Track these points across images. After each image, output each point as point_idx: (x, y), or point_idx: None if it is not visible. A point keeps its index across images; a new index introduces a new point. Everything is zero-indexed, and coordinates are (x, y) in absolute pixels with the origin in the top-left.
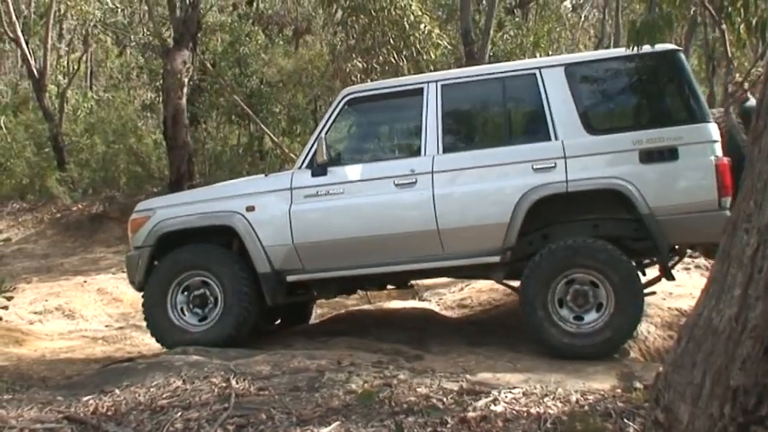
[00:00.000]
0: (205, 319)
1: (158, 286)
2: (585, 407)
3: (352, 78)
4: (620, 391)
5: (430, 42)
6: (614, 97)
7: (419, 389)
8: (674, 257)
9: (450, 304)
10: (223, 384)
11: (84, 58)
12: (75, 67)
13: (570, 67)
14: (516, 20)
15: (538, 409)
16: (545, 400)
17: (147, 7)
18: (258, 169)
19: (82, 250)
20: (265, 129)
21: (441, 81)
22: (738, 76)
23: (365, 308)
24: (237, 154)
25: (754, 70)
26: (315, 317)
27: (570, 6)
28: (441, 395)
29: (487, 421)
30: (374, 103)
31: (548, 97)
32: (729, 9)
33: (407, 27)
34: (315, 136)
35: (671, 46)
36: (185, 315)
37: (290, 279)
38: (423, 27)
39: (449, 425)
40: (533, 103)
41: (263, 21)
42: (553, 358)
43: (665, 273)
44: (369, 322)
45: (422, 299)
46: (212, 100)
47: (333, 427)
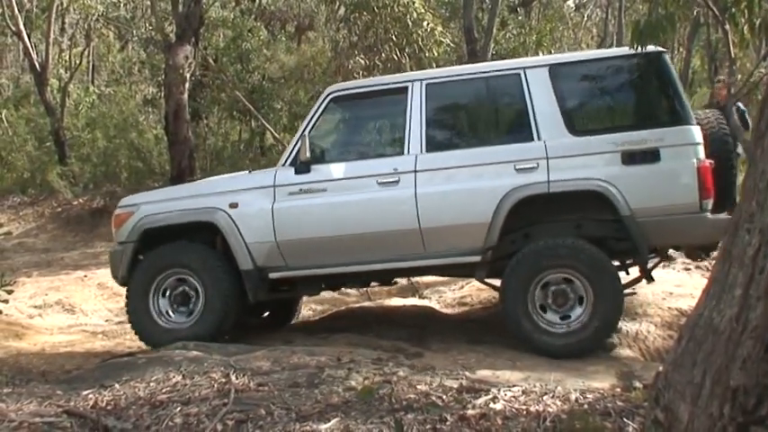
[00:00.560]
0: (188, 316)
1: (140, 284)
2: (585, 405)
3: (354, 75)
4: (619, 390)
5: (432, 40)
6: (598, 98)
7: (419, 386)
8: (655, 258)
9: (451, 302)
10: (223, 380)
11: (86, 52)
12: (77, 62)
13: (554, 68)
14: (519, 18)
15: (537, 408)
16: (544, 398)
17: (149, 2)
18: (260, 165)
19: (82, 245)
20: (267, 125)
21: (425, 80)
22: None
23: (365, 305)
24: (239, 150)
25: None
26: (315, 314)
27: (573, 5)
28: (440, 392)
29: (487, 419)
30: (358, 101)
31: (531, 97)
32: (733, 9)
33: (410, 24)
34: (299, 134)
35: (657, 48)
36: (167, 313)
37: (273, 276)
38: (425, 25)
39: (448, 422)
40: (517, 104)
41: (265, 16)
42: (552, 357)
43: (644, 274)
44: (369, 319)
45: (422, 296)
46: (214, 95)
47: (332, 423)
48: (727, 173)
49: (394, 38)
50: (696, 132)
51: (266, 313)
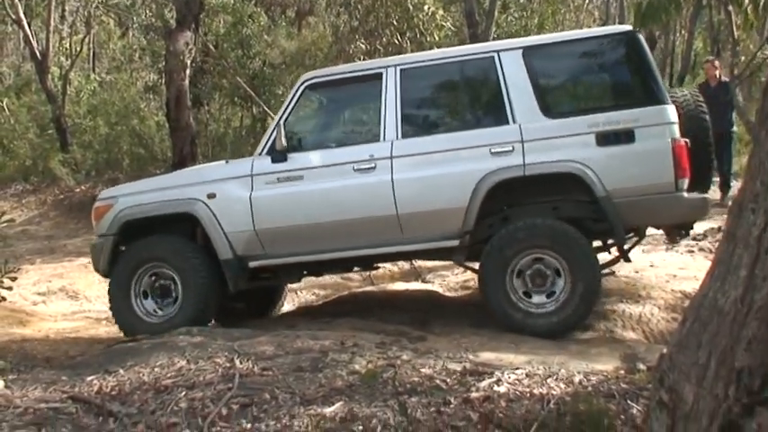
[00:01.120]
0: (169, 308)
1: (121, 278)
2: (589, 388)
3: (356, 60)
4: (623, 372)
5: (434, 24)
6: (572, 80)
7: (422, 369)
8: (632, 238)
9: (454, 286)
10: (227, 364)
11: (87, 39)
12: (78, 49)
13: (528, 50)
14: (521, 1)
15: (541, 390)
16: (548, 381)
17: None
18: None
19: (85, 231)
20: (268, 110)
21: (399, 65)
22: (744, 58)
23: (368, 289)
24: (240, 136)
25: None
26: (319, 298)
27: None
28: (444, 376)
29: (491, 401)
30: (334, 88)
31: (506, 81)
32: None
33: (411, 8)
34: (274, 122)
35: (628, 27)
36: (148, 306)
37: (253, 265)
38: (426, 8)
39: (452, 405)
40: (491, 87)
41: (265, 2)
42: (557, 342)
43: (622, 254)
44: (372, 304)
45: (425, 280)
46: (215, 81)
47: (336, 406)
48: (704, 151)
49: (395, 22)
50: (671, 111)
51: (248, 300)
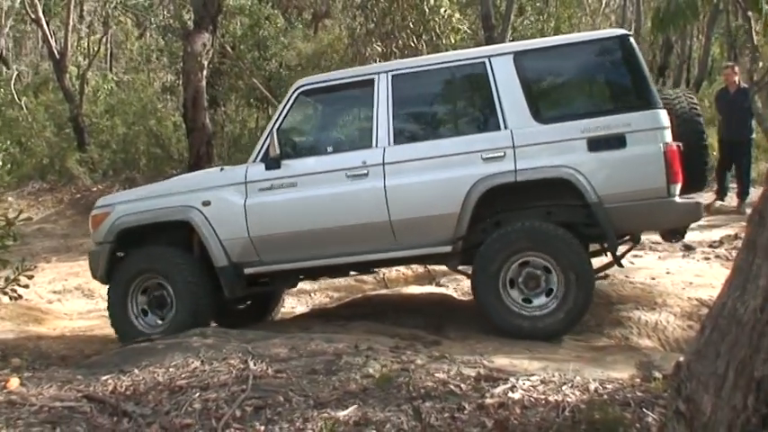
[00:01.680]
0: (164, 318)
1: (118, 288)
2: (604, 396)
3: (372, 62)
4: (638, 380)
5: (450, 27)
6: (564, 85)
7: (437, 374)
8: (625, 243)
9: (468, 290)
10: (241, 366)
11: (105, 39)
12: (96, 49)
13: (519, 55)
14: (537, 5)
15: (556, 397)
16: (563, 388)
17: None
18: None
19: None
20: None
21: (391, 71)
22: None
23: (382, 293)
24: (256, 137)
25: None
26: (332, 301)
27: None
28: (458, 381)
29: (505, 408)
30: (327, 94)
31: (497, 86)
32: None
33: (427, 11)
34: (267, 129)
35: (621, 31)
36: (145, 316)
37: (248, 271)
38: (442, 11)
39: (466, 411)
40: (483, 93)
41: (282, 4)
42: (570, 347)
43: (614, 259)
44: (386, 307)
45: (439, 284)
46: (232, 83)
47: (350, 410)
48: (699, 153)
49: (411, 25)
50: (662, 116)
51: (247, 304)
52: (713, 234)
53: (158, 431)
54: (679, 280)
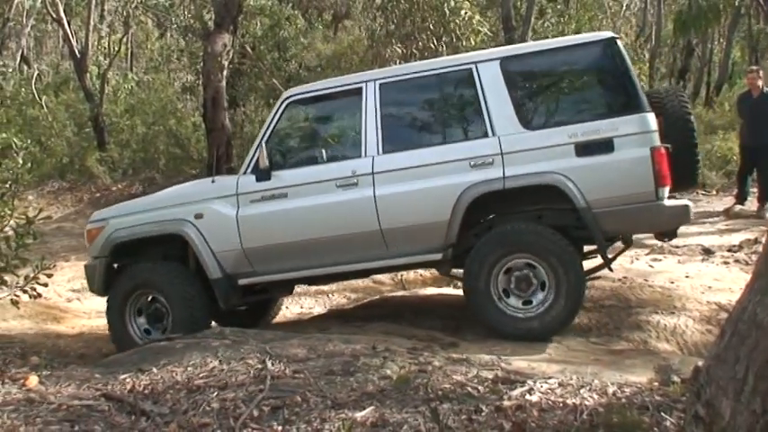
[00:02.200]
0: (163, 332)
1: (115, 303)
2: (622, 399)
3: (391, 64)
4: (657, 384)
5: (470, 29)
6: (551, 90)
7: (454, 376)
8: (612, 245)
9: None
10: (259, 366)
11: (125, 39)
12: (116, 49)
13: (505, 61)
14: (558, 7)
15: (574, 401)
16: (581, 391)
17: None
18: None
19: None
20: None
21: (379, 80)
22: None
23: (400, 294)
24: None
25: None
26: (350, 302)
27: None
28: (476, 383)
29: (523, 411)
30: (315, 104)
31: (484, 92)
32: None
33: (448, 13)
34: (257, 141)
35: (609, 34)
36: (143, 329)
37: (242, 282)
38: (463, 13)
39: (484, 413)
40: (470, 99)
41: (302, 5)
42: (589, 350)
43: (605, 262)
44: (404, 308)
45: (456, 286)
46: (251, 83)
47: (367, 411)
48: (690, 152)
49: (431, 26)
50: (650, 119)
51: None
52: (733, 238)
53: (176, 430)
54: (698, 284)
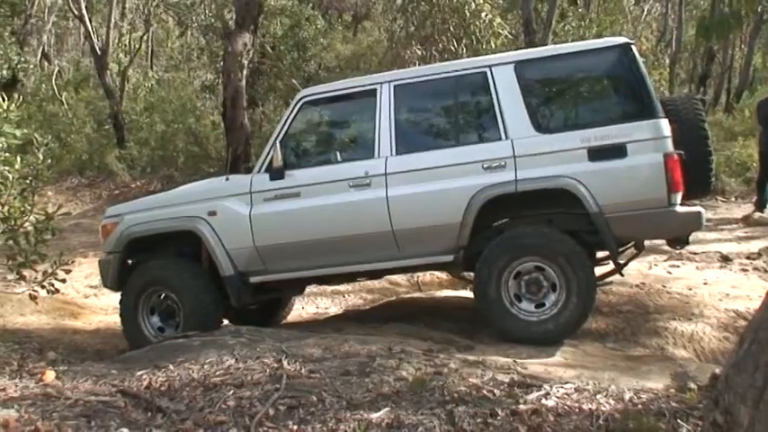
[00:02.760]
0: (176, 329)
1: (128, 300)
2: (639, 405)
3: (411, 65)
4: (673, 390)
5: (491, 31)
6: (565, 94)
7: (470, 379)
8: (626, 250)
9: None
10: (275, 365)
11: (146, 37)
12: (137, 46)
13: (520, 65)
14: (579, 11)
15: (590, 406)
16: (598, 396)
17: None
18: None
19: None
20: None
21: (394, 82)
22: None
23: (416, 296)
24: None
25: None
26: (366, 303)
27: None
28: (492, 386)
29: (539, 415)
30: (330, 105)
31: (498, 96)
32: None
33: (468, 15)
34: (272, 140)
35: (624, 39)
36: (159, 327)
37: (254, 280)
38: (484, 15)
39: (499, 417)
40: (484, 102)
41: (323, 5)
42: (605, 355)
43: (616, 267)
44: (420, 310)
45: (472, 289)
46: (271, 83)
47: (383, 412)
48: (703, 159)
49: (451, 28)
50: (663, 125)
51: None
52: (752, 246)
53: (192, 427)
54: (716, 291)
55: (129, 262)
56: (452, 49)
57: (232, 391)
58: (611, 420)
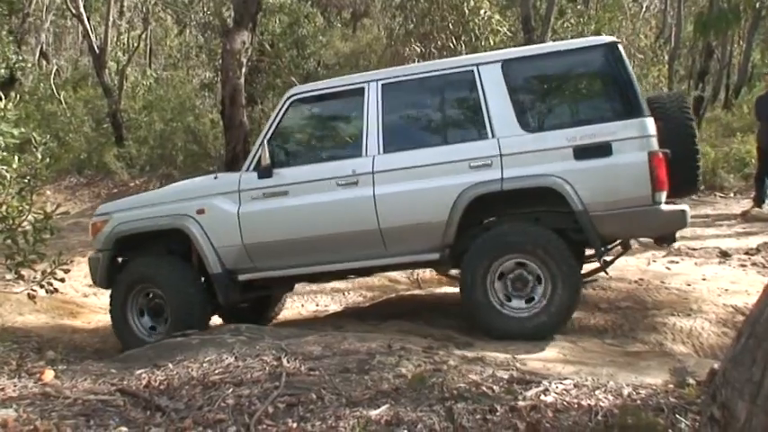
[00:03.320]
0: (164, 325)
1: (117, 297)
2: (637, 401)
3: (410, 63)
4: (672, 386)
5: (489, 29)
6: (551, 93)
7: (470, 375)
8: (611, 248)
9: None
10: (274, 363)
11: (144, 35)
12: (135, 45)
13: (507, 64)
14: (578, 8)
15: (589, 402)
16: (596, 392)
17: None
18: None
19: None
20: None
21: (381, 80)
22: None
23: (416, 293)
24: None
25: None
26: (366, 300)
27: None
28: (491, 383)
29: (538, 411)
30: (318, 103)
31: (485, 94)
32: None
33: (467, 12)
34: (260, 138)
35: (610, 39)
36: (145, 323)
37: (242, 278)
38: (482, 13)
39: (498, 413)
40: (471, 101)
41: (321, 3)
42: (604, 351)
43: (601, 266)
44: (419, 307)
45: None
46: (269, 81)
47: (382, 409)
48: (690, 158)
49: (450, 26)
50: (649, 124)
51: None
52: (750, 241)
53: (191, 426)
54: (715, 286)
55: (118, 260)
56: (451, 46)
57: (231, 390)
58: (609, 416)
